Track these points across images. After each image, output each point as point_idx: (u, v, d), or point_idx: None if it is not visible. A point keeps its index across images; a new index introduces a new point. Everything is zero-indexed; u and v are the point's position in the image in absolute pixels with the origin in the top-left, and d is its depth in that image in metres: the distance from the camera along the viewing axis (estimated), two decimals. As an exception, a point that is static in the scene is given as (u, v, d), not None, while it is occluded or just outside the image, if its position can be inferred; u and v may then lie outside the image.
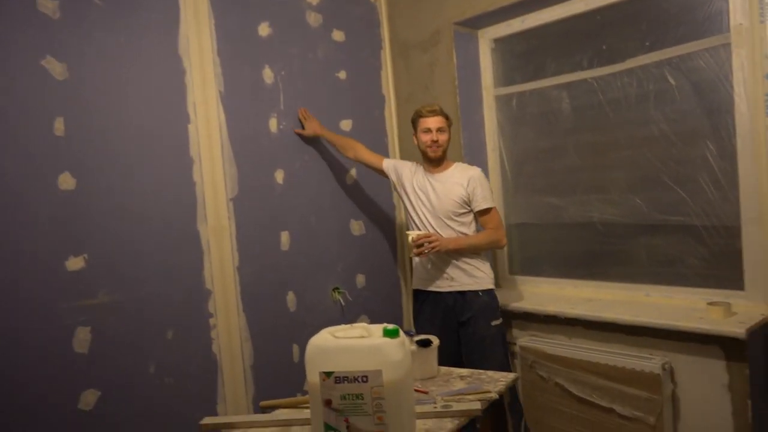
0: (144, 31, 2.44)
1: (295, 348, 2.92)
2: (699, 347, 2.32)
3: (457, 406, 1.71)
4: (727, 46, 2.36)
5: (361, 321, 3.19)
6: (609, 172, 2.83)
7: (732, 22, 2.33)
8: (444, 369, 2.10)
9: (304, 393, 1.82)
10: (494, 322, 2.66)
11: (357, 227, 3.26)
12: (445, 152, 2.75)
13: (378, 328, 1.52)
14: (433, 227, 2.72)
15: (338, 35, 3.20)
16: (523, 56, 3.13)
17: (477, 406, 1.72)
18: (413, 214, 2.82)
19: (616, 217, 2.81)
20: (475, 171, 2.73)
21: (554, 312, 2.75)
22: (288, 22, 2.96)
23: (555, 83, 2.96)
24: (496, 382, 1.94)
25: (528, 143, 3.14)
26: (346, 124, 3.22)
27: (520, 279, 3.24)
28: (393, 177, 2.93)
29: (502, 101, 3.23)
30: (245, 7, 2.79)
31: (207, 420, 1.79)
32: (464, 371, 2.08)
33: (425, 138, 2.72)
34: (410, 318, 3.51)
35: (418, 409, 1.66)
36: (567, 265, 3.06)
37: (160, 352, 2.44)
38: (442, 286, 2.73)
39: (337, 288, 3.14)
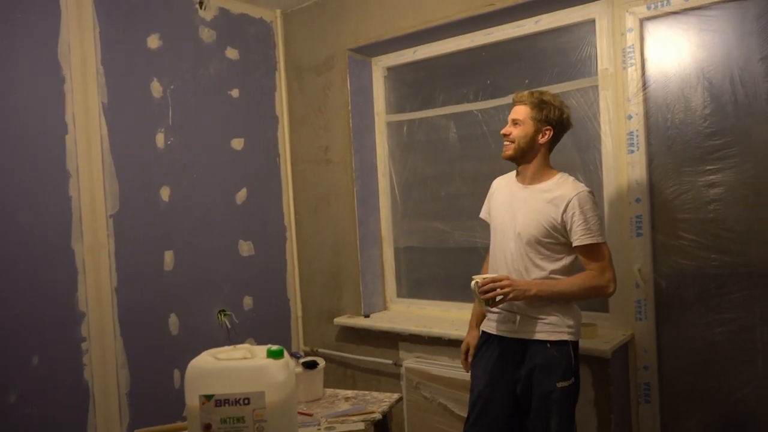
0: (20, 30, 2.31)
1: (177, 373, 2.80)
2: (569, 365, 2.47)
3: (340, 428, 1.72)
4: (595, 88, 2.58)
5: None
6: (491, 199, 2.97)
7: (600, 67, 2.55)
8: (329, 391, 2.10)
9: (185, 420, 1.76)
10: (561, 384, 1.99)
11: (246, 248, 3.20)
12: (523, 152, 2.09)
13: (262, 349, 1.51)
14: (513, 260, 2.08)
15: (232, 53, 3.16)
16: (414, 86, 3.25)
17: (361, 427, 1.74)
18: (494, 240, 2.21)
19: (498, 243, 2.95)
20: (579, 190, 2.02)
21: (438, 334, 2.82)
22: (180, 36, 2.90)
23: (443, 113, 3.10)
24: (380, 402, 1.96)
25: (417, 169, 3.25)
26: (237, 143, 3.17)
27: (408, 302, 3.31)
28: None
29: (393, 128, 3.32)
30: (133, 17, 2.70)
31: (74, 451, 1.67)
32: (349, 393, 2.09)
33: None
34: (300, 341, 3.48)
35: (302, 431, 1.65)
36: (451, 288, 3.15)
37: (24, 380, 2.25)
38: (502, 329, 2.12)
39: (223, 310, 3.05)
